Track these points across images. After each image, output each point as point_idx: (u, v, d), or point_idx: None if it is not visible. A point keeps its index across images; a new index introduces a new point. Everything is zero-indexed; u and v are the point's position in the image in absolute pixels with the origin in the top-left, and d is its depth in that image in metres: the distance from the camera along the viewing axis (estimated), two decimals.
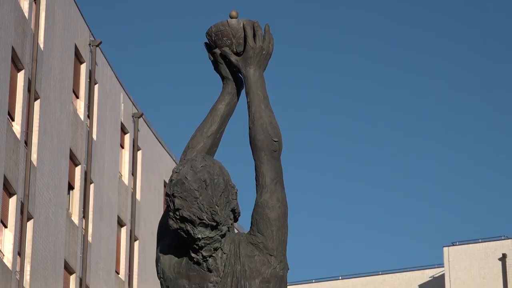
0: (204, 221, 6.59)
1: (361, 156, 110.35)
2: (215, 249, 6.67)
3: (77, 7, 39.15)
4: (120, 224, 42.49)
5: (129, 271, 42.74)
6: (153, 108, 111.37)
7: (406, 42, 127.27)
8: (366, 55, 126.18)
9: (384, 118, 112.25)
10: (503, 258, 54.73)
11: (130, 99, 44.44)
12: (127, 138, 44.00)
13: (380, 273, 60.99)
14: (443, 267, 56.45)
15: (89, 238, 38.75)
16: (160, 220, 6.86)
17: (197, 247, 6.63)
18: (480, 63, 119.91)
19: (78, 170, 38.38)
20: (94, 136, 39.89)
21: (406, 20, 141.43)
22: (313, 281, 62.40)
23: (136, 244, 43.37)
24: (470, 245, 56.17)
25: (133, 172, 44.07)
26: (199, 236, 6.61)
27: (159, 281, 6.77)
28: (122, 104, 43.58)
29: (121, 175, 43.02)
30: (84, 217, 38.58)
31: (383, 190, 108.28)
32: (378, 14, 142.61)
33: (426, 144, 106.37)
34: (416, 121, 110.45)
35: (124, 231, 42.86)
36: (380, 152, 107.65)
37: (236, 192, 6.72)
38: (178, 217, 6.59)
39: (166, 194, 6.64)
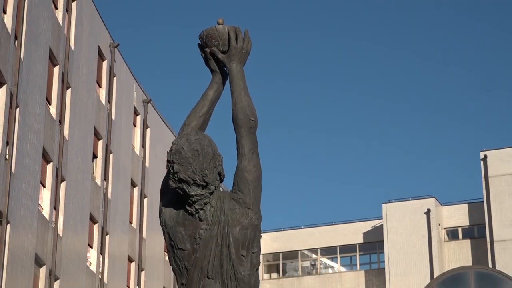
0: (196, 181, 6.81)
1: (302, 115, 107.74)
2: (205, 204, 6.87)
3: (100, 16, 38.95)
4: (133, 185, 42.34)
5: (140, 222, 42.61)
6: (159, 95, 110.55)
7: None
8: None
9: (321, 75, 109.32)
10: (428, 212, 54.61)
11: (141, 88, 44.26)
12: (139, 119, 43.80)
13: (333, 223, 60.75)
14: (381, 219, 56.12)
15: (109, 196, 38.66)
16: (163, 181, 7.06)
17: (191, 202, 6.83)
18: None
19: (100, 144, 38.27)
20: (113, 117, 39.75)
21: None
22: (282, 229, 61.81)
23: (146, 200, 43.30)
24: (403, 202, 55.99)
25: (143, 145, 43.90)
26: (193, 193, 6.82)
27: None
28: (135, 92, 43.40)
29: (134, 147, 42.89)
30: (105, 179, 38.48)
31: (341, 151, 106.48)
32: None
33: (361, 109, 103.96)
34: (352, 79, 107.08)
35: (136, 190, 42.71)
36: (319, 115, 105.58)
37: (221, 159, 6.93)
38: (176, 178, 6.82)
39: (167, 161, 6.89)
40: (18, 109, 28.81)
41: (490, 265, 48.38)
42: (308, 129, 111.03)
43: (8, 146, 28.03)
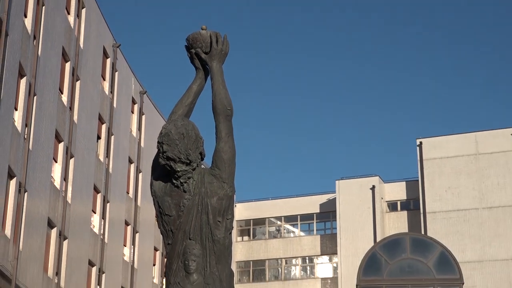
0: (181, 159, 6.86)
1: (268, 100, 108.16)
2: (188, 178, 6.94)
3: (105, 21, 38.79)
4: (130, 161, 42.29)
5: (135, 192, 42.60)
6: (153, 88, 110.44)
7: None
8: None
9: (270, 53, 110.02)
10: (373, 188, 54.83)
11: (138, 82, 44.13)
12: (136, 107, 43.70)
13: (295, 196, 60.90)
14: (335, 193, 56.30)
15: (110, 170, 38.61)
16: (154, 159, 7.10)
17: (177, 176, 6.91)
18: None
19: (104, 127, 38.17)
20: (115, 105, 39.64)
21: None
22: (253, 200, 61.93)
23: (140, 175, 43.23)
24: (352, 179, 56.16)
25: (139, 129, 43.83)
26: (178, 169, 6.89)
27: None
28: (133, 85, 43.28)
29: (131, 131, 42.80)
30: (107, 157, 38.41)
31: (307, 126, 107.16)
32: None
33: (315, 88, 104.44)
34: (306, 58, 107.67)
35: (132, 166, 42.68)
36: (284, 102, 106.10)
37: (202, 142, 7.00)
38: (165, 157, 6.87)
39: (158, 142, 6.96)
40: (35, 97, 28.75)
41: (422, 232, 48.74)
42: (278, 118, 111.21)
43: (26, 128, 27.96)
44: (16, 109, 27.16)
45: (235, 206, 60.26)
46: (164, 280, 39.55)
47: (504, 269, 48.61)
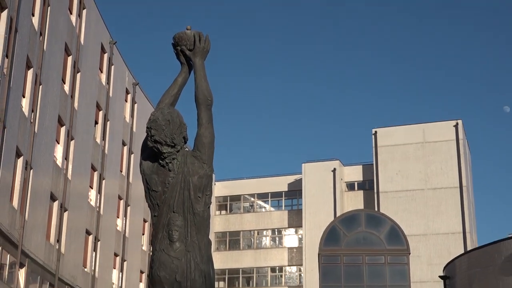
0: (167, 143, 6.85)
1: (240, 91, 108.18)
2: (173, 159, 6.94)
3: (103, 20, 38.45)
4: (124, 144, 42.06)
5: (128, 171, 42.40)
6: (145, 80, 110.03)
7: None
8: None
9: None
10: (334, 170, 54.98)
11: (131, 74, 43.85)
12: (129, 96, 43.45)
13: (267, 176, 60.92)
14: (301, 174, 56.50)
15: (106, 151, 38.40)
16: (143, 142, 7.11)
17: (163, 157, 6.90)
18: None
19: (101, 113, 37.92)
20: (110, 94, 39.37)
21: None
22: (230, 179, 61.88)
23: (132, 156, 42.98)
24: (316, 162, 56.27)
25: (132, 115, 43.58)
26: (164, 151, 6.87)
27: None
28: (127, 77, 43.01)
29: (125, 117, 42.54)
30: (103, 139, 38.19)
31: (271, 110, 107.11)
32: None
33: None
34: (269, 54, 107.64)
35: (125, 148, 42.45)
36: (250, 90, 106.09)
37: (186, 127, 7.00)
38: (153, 140, 6.86)
39: (147, 127, 6.94)
40: (41, 86, 28.53)
41: (376, 209, 49.06)
42: (253, 104, 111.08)
43: (32, 113, 27.77)
44: (23, 97, 26.96)
45: (214, 184, 60.26)
46: (151, 247, 39.56)
47: (445, 242, 49.14)
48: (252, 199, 60.63)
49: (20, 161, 26.40)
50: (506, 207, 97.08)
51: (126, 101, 42.99)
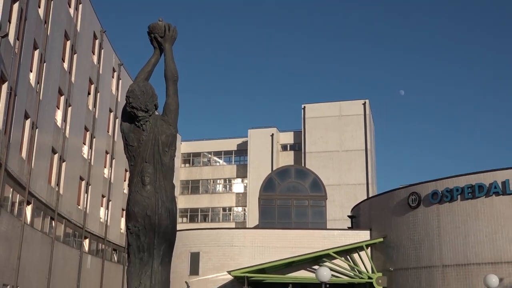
0: (142, 108, 6.76)
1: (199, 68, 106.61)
2: (146, 121, 6.86)
3: (95, 13, 37.49)
4: (110, 111, 41.34)
5: (114, 131, 41.78)
6: (128, 61, 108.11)
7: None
8: None
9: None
10: (272, 135, 54.68)
11: (117, 56, 42.95)
12: (115, 74, 42.59)
13: (221, 138, 60.52)
14: (247, 137, 56.12)
15: (96, 116, 37.70)
16: (123, 107, 7.00)
17: (138, 120, 6.83)
18: None
19: (92, 86, 37.12)
20: (100, 72, 38.54)
21: None
22: (192, 140, 61.48)
23: (117, 120, 42.28)
24: (259, 129, 55.99)
25: (117, 89, 42.85)
26: (139, 115, 6.79)
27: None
28: (114, 59, 42.07)
29: (112, 90, 41.75)
30: (94, 107, 37.50)
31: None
32: None
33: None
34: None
35: (112, 114, 41.73)
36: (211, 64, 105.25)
37: (157, 97, 6.93)
38: (130, 106, 6.77)
39: (126, 96, 6.82)
40: (45, 64, 27.78)
41: (303, 165, 49.54)
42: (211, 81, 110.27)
43: (38, 84, 27.08)
44: (31, 71, 26.21)
45: (181, 143, 59.93)
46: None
47: (353, 190, 50.03)
48: (209, 155, 60.51)
49: (27, 122, 25.79)
50: (399, 165, 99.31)
51: (112, 77, 42.20)
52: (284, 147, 56.49)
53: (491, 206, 23.86)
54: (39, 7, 26.99)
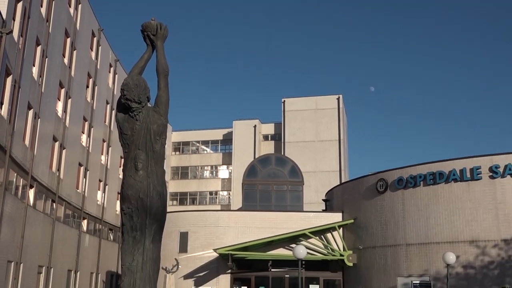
0: (135, 100, 6.71)
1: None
2: (139, 112, 6.81)
3: (94, 13, 37.02)
4: (107, 102, 40.97)
5: (110, 121, 41.44)
6: (124, 57, 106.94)
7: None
8: None
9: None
10: (255, 126, 54.81)
11: (114, 53, 42.48)
12: (112, 69, 42.17)
13: (209, 128, 60.43)
14: (232, 128, 56.15)
15: (94, 107, 37.33)
16: (118, 99, 6.94)
17: (132, 110, 6.77)
18: None
19: (90, 80, 36.71)
20: (98, 67, 38.13)
21: None
22: (182, 130, 61.42)
23: (113, 111, 41.92)
24: (243, 120, 55.89)
25: (113, 82, 42.45)
26: (133, 106, 6.74)
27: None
28: (110, 55, 41.62)
29: (108, 84, 41.34)
30: (92, 99, 37.12)
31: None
32: None
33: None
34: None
35: (108, 106, 41.31)
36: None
37: (149, 90, 6.88)
38: (125, 98, 6.71)
39: (121, 89, 6.76)
40: (46, 59, 27.41)
41: (282, 154, 49.65)
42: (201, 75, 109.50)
43: (40, 78, 26.72)
44: (34, 65, 25.83)
45: (172, 133, 59.69)
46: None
47: (327, 177, 50.30)
48: (198, 144, 60.37)
49: (30, 112, 25.47)
50: (369, 154, 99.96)
51: (109, 72, 41.79)
52: (266, 137, 56.55)
53: (450, 192, 24.19)
54: (42, 6, 26.59)
